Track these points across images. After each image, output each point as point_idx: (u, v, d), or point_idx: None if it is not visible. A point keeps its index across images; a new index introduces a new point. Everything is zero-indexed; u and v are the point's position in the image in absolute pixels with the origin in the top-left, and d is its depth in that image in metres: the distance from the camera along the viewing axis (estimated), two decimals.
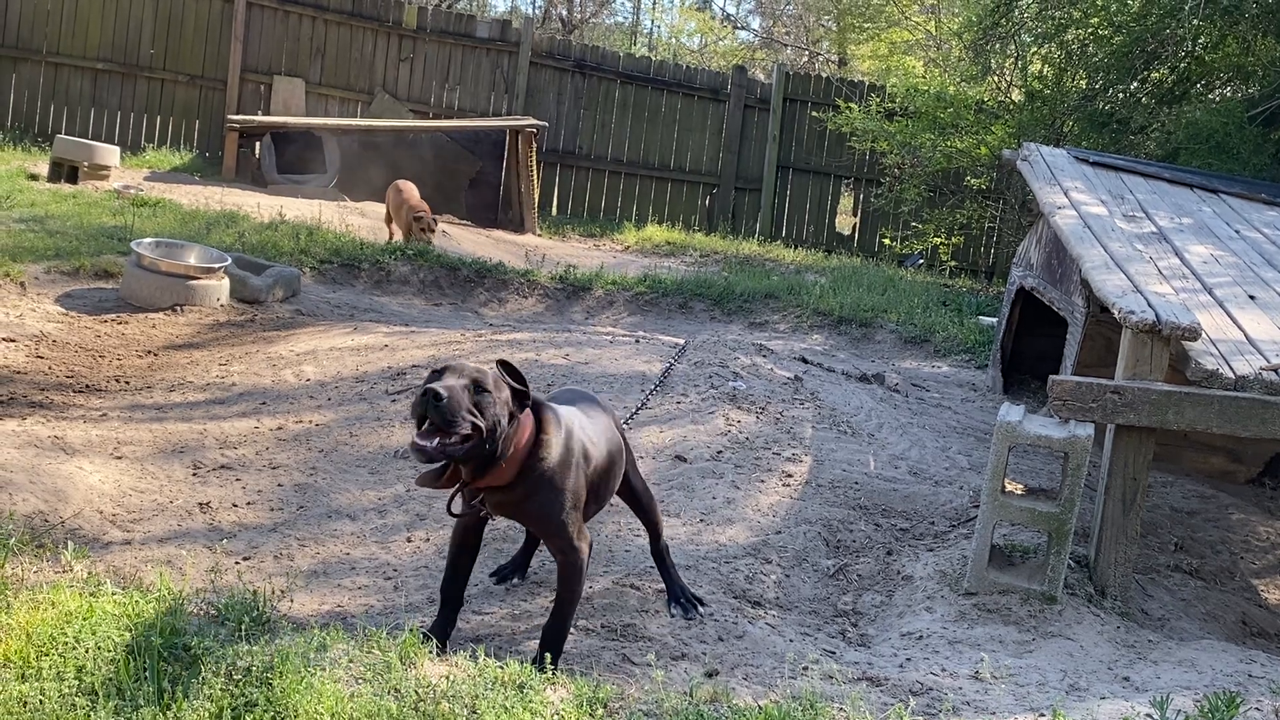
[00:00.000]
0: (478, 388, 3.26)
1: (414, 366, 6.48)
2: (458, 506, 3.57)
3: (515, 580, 4.26)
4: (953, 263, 15.24)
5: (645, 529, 4.25)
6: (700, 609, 4.06)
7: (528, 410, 3.46)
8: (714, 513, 4.97)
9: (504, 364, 3.42)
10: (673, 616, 4.01)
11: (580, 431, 3.68)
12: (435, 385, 3.18)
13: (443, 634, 3.56)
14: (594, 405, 4.01)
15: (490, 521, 3.84)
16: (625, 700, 3.16)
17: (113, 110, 14.65)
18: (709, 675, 3.57)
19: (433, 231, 10.37)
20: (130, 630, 3.04)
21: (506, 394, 3.35)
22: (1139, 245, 5.82)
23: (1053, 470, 6.08)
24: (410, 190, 10.71)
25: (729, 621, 4.06)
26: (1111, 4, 11.46)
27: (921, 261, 15.25)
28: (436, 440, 3.19)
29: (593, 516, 3.89)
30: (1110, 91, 11.64)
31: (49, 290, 7.44)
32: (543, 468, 3.47)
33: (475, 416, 3.23)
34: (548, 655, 3.40)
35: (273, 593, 3.92)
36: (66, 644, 2.96)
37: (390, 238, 10.70)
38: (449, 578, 3.68)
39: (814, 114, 16.03)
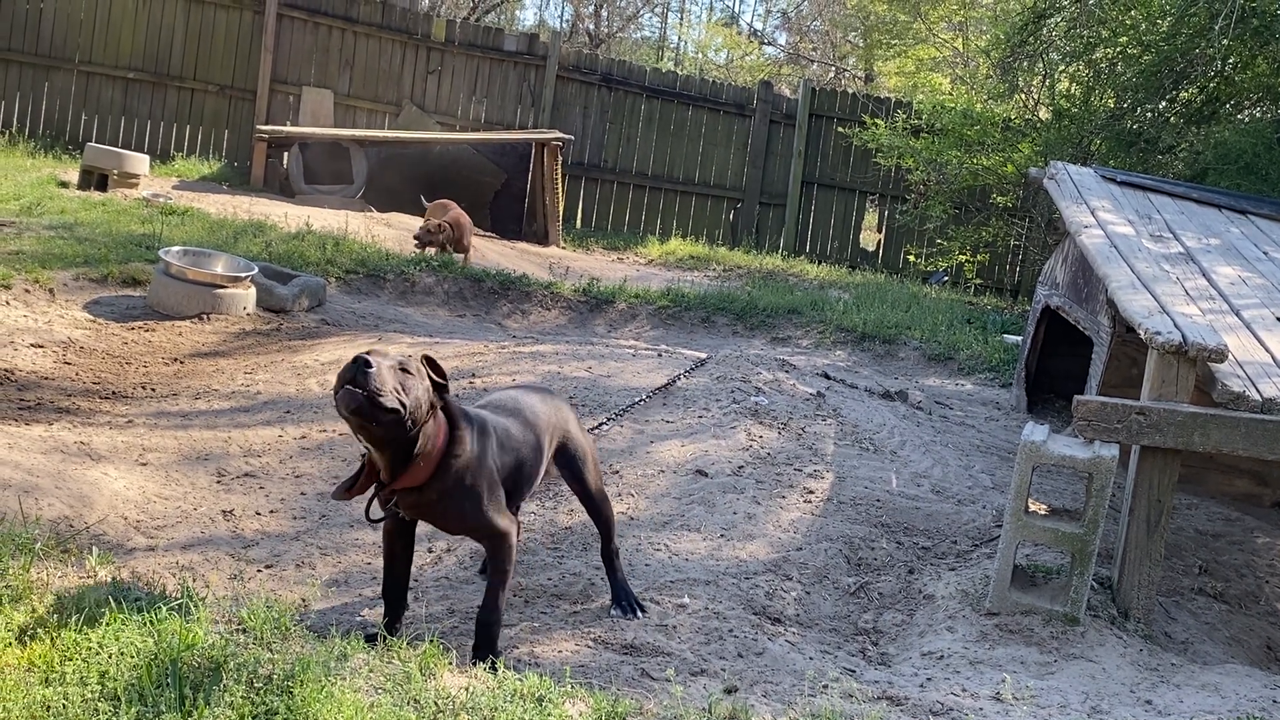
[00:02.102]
0: (402, 369, 3.38)
1: None
2: (376, 513, 3.64)
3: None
4: (978, 280, 15.19)
5: (597, 529, 4.33)
6: (641, 613, 4.12)
7: (441, 415, 3.55)
8: (734, 528, 4.96)
9: (428, 359, 3.54)
10: (612, 616, 4.09)
11: (493, 430, 3.77)
12: (365, 355, 3.29)
13: (392, 631, 3.68)
14: (519, 406, 4.06)
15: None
16: (643, 715, 3.15)
17: (143, 119, 14.79)
18: (728, 692, 3.56)
19: (441, 247, 10.47)
20: (153, 636, 3.06)
21: (427, 383, 3.46)
22: (1166, 265, 5.79)
23: (1076, 491, 6.04)
24: (449, 206, 10.88)
25: (749, 638, 4.05)
26: (1141, 23, 11.42)
27: (946, 279, 15.21)
28: (365, 393, 3.25)
29: (516, 508, 3.97)
30: (1138, 111, 11.58)
31: (77, 297, 7.51)
32: (456, 465, 3.56)
33: (400, 393, 3.33)
34: (484, 646, 3.57)
35: (294, 601, 3.94)
36: (90, 649, 2.98)
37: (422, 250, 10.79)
38: (388, 584, 3.78)
39: (840, 130, 16.03)
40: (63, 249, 8.23)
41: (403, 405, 3.32)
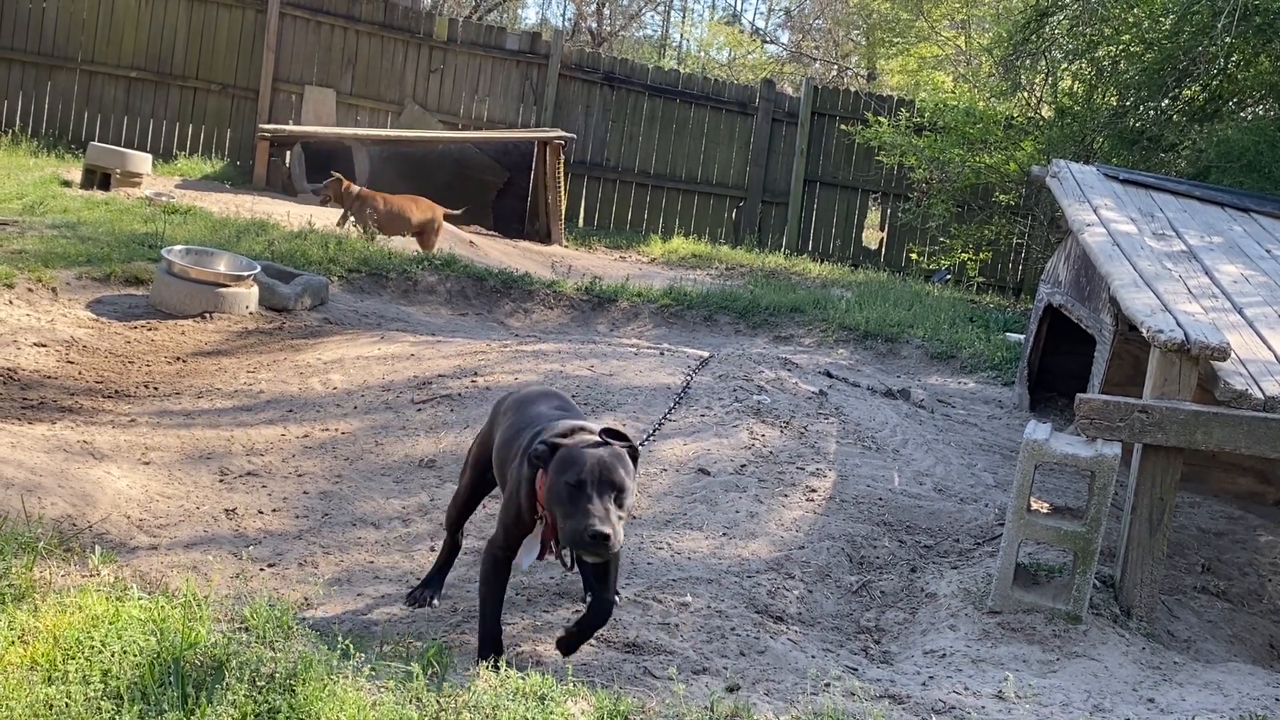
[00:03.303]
0: (620, 491, 3.36)
1: (440, 376, 6.51)
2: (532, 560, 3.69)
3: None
4: (980, 279, 15.19)
5: None
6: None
7: None
8: (737, 527, 4.96)
9: (609, 431, 3.48)
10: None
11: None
12: (600, 528, 3.24)
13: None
14: (559, 404, 4.07)
15: None
16: (646, 713, 3.15)
17: (145, 118, 14.80)
18: (730, 690, 3.56)
19: (339, 204, 10.94)
20: (156, 635, 3.06)
21: (631, 469, 3.44)
22: (1168, 263, 5.79)
23: (1079, 489, 6.04)
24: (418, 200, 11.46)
25: (751, 636, 4.05)
26: (1143, 21, 11.40)
27: (949, 277, 15.20)
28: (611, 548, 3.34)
29: None
30: (1141, 109, 11.56)
31: (80, 296, 7.51)
32: None
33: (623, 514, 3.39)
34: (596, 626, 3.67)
35: (297, 600, 3.94)
36: (93, 648, 2.98)
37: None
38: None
39: (842, 128, 16.02)
40: (65, 248, 8.23)
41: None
